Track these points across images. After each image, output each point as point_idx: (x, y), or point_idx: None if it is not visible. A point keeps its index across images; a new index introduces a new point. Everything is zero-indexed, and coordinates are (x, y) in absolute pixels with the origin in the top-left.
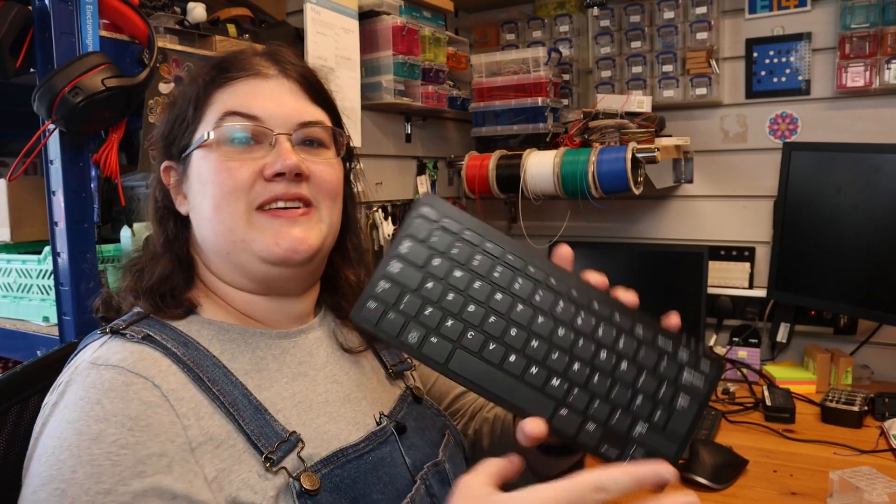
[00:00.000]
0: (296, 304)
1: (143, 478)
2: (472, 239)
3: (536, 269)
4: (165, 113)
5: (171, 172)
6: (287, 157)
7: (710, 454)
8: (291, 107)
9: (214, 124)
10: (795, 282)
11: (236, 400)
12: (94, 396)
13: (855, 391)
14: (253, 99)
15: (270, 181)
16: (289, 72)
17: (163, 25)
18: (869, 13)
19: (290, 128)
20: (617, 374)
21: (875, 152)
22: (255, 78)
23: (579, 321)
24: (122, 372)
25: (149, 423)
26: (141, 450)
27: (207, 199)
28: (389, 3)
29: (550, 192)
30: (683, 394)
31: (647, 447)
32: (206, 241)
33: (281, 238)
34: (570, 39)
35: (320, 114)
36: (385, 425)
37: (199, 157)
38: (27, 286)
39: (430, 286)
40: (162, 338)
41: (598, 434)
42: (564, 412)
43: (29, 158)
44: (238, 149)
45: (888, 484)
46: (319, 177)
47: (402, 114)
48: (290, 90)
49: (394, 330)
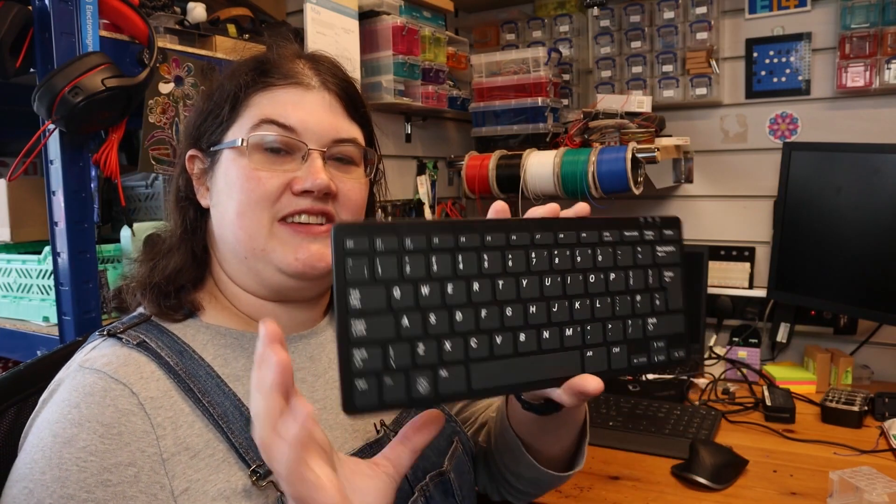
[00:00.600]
0: (304, 312)
1: (106, 487)
2: (417, 244)
3: (492, 235)
4: (200, 102)
5: (196, 162)
6: (317, 176)
7: (710, 454)
8: (328, 122)
9: (250, 129)
10: (795, 282)
11: (227, 412)
12: (74, 399)
13: (855, 391)
14: (291, 109)
15: (298, 196)
16: (330, 84)
17: (163, 25)
18: (869, 13)
19: (325, 144)
20: (612, 290)
21: (875, 152)
22: (296, 87)
23: (557, 261)
24: (102, 377)
25: (120, 432)
26: (109, 458)
27: (233, 203)
28: (389, 3)
29: (550, 192)
30: (665, 269)
31: (663, 335)
32: (226, 241)
33: (300, 253)
34: (570, 39)
35: (355, 130)
36: (383, 434)
37: (229, 157)
38: (27, 286)
39: (406, 323)
40: (157, 345)
41: (625, 354)
42: (590, 354)
43: (29, 158)
44: (270, 157)
45: (888, 484)
46: (346, 196)
47: (402, 114)
48: (330, 104)
49: (401, 394)
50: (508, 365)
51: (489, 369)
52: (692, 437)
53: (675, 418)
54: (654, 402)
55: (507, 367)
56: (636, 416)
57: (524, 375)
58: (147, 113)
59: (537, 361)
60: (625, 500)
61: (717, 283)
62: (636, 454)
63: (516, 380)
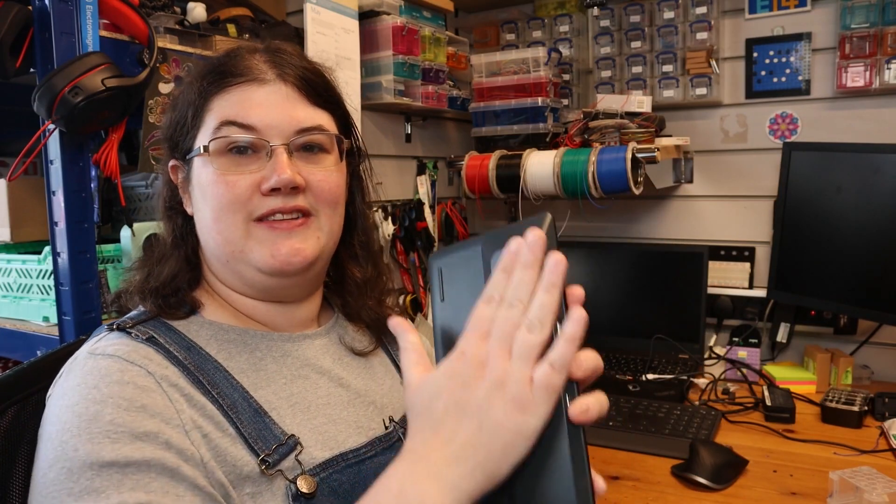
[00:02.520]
0: (298, 309)
1: (143, 451)
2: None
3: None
4: (167, 114)
5: (178, 171)
6: (282, 172)
7: (710, 454)
8: (288, 114)
9: (211, 134)
10: (795, 282)
11: (235, 402)
12: (91, 382)
13: (855, 391)
14: (249, 107)
15: (268, 195)
16: (287, 76)
17: (163, 25)
18: (869, 13)
19: (287, 137)
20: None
21: (875, 152)
22: (251, 84)
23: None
24: (117, 360)
25: (143, 405)
26: (137, 426)
27: (208, 209)
28: (389, 3)
29: (550, 192)
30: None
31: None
32: (208, 246)
33: (276, 250)
34: (570, 39)
35: (321, 117)
36: (392, 430)
37: (199, 165)
38: (27, 286)
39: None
40: (166, 341)
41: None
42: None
43: (29, 158)
44: (235, 159)
45: (888, 484)
46: (317, 186)
47: (402, 114)
48: (288, 96)
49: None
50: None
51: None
52: (692, 437)
53: (675, 418)
54: (654, 402)
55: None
56: (636, 416)
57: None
58: (147, 113)
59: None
60: (625, 500)
61: (717, 283)
62: (636, 454)
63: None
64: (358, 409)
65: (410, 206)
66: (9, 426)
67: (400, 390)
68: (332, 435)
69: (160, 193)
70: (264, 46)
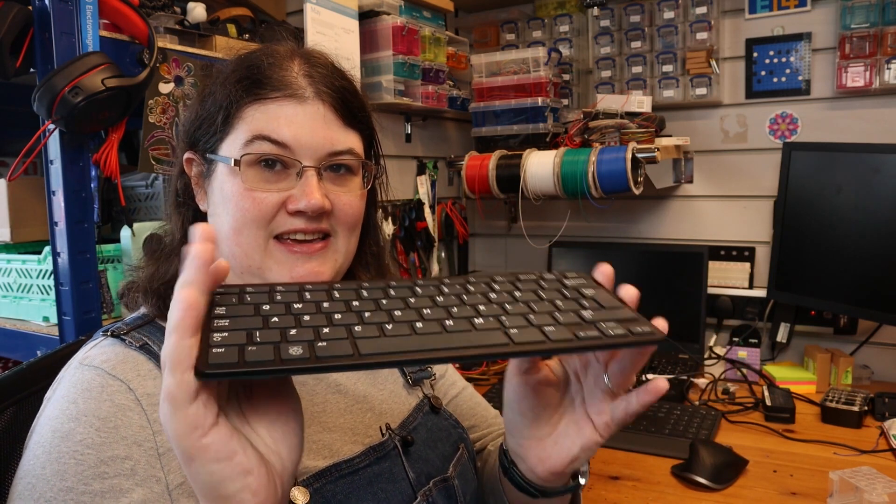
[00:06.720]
0: None
1: (103, 479)
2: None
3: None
4: (191, 107)
5: (194, 164)
6: (311, 196)
7: (710, 454)
8: (322, 135)
9: (243, 146)
10: (795, 282)
11: None
12: (72, 395)
13: (855, 391)
14: (285, 124)
15: (293, 215)
16: (324, 94)
17: (163, 25)
18: (869, 13)
19: (319, 159)
20: (523, 300)
21: (875, 152)
22: (289, 100)
23: (467, 293)
24: (100, 373)
25: (116, 426)
26: (105, 450)
27: (228, 218)
28: (389, 3)
29: (550, 192)
30: (581, 289)
31: (612, 319)
32: (223, 254)
33: (295, 271)
34: (570, 39)
35: (352, 139)
36: (387, 439)
37: (224, 172)
38: (27, 286)
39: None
40: (159, 347)
41: (564, 330)
42: (515, 331)
43: (29, 158)
44: (264, 174)
45: (888, 484)
46: (342, 210)
47: (402, 114)
48: (325, 117)
49: (269, 356)
50: (406, 339)
51: (380, 342)
52: (692, 437)
53: (675, 418)
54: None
55: (405, 340)
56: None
57: (429, 345)
58: (147, 113)
59: (445, 337)
60: (625, 500)
61: (717, 283)
62: (636, 454)
63: (421, 346)
64: (355, 416)
65: (410, 206)
66: (7, 426)
67: (400, 395)
68: (327, 443)
69: (171, 184)
70: (300, 52)
